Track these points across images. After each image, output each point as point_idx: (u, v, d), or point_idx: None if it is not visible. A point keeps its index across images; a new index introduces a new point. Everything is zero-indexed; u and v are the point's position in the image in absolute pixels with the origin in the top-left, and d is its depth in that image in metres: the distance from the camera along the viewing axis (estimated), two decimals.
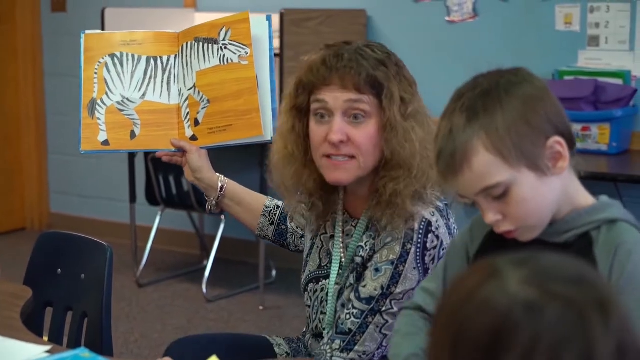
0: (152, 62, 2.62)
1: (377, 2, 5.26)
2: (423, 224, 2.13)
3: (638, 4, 4.58)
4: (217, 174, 2.54)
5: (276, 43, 4.97)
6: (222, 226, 5.34)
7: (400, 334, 1.91)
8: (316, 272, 2.33)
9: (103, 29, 5.32)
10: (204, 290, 5.20)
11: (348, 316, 2.17)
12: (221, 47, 2.52)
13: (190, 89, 2.57)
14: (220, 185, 2.51)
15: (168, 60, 2.62)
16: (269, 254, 5.24)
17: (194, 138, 2.55)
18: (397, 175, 2.13)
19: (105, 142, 2.59)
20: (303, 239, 2.49)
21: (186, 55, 2.59)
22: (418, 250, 2.12)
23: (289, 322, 4.76)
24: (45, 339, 2.45)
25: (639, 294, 1.60)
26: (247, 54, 2.50)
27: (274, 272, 5.45)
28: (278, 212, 2.54)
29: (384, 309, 2.14)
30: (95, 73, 2.61)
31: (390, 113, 2.13)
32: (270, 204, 2.55)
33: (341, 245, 2.28)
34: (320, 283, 2.31)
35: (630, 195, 4.40)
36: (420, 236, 2.13)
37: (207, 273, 5.25)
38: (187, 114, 2.57)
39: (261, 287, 5.10)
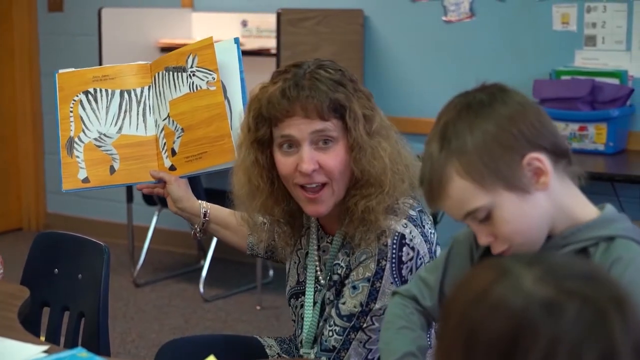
0: (126, 95, 2.62)
1: (374, 2, 5.26)
2: (396, 238, 2.10)
3: (635, 3, 4.58)
4: (199, 201, 2.53)
5: (273, 43, 4.97)
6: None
7: (392, 327, 1.88)
8: (295, 287, 2.32)
9: (100, 29, 5.32)
10: (201, 290, 5.20)
11: (331, 333, 2.16)
12: (189, 75, 2.52)
13: (165, 119, 2.57)
14: (203, 211, 2.51)
15: (142, 92, 2.62)
16: None
17: (172, 168, 2.55)
18: (369, 192, 2.10)
19: (86, 180, 2.60)
20: None
21: (159, 85, 2.59)
22: (393, 265, 2.10)
23: (286, 322, 4.76)
24: (43, 338, 2.45)
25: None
26: (214, 79, 2.49)
27: (271, 272, 5.45)
28: (265, 228, 2.52)
29: (365, 325, 2.13)
30: (71, 111, 2.62)
31: (356, 133, 2.09)
32: (257, 221, 2.52)
33: (316, 261, 2.27)
34: (300, 299, 2.30)
35: (627, 195, 4.41)
36: (394, 251, 2.10)
37: (204, 273, 5.24)
38: (164, 144, 2.57)
39: (258, 287, 5.10)
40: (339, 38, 5.08)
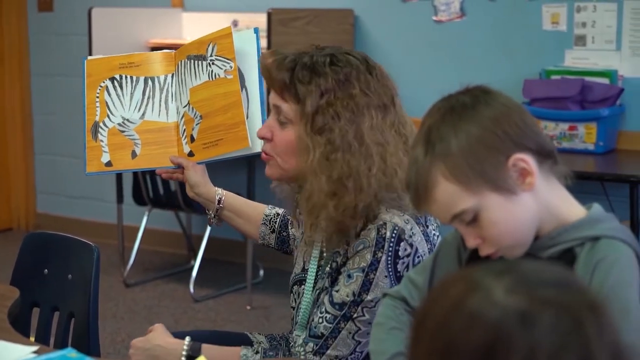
0: (150, 82, 2.68)
1: (364, 1, 5.26)
2: (395, 232, 2.10)
3: (624, 3, 4.59)
4: (216, 188, 2.58)
5: (263, 43, 4.96)
6: (209, 226, 5.33)
7: (383, 328, 1.89)
8: (300, 274, 2.33)
9: (90, 29, 5.31)
10: (192, 290, 5.19)
11: (321, 320, 2.17)
12: (209, 63, 2.58)
13: (185, 106, 2.63)
14: (217, 198, 2.55)
15: (165, 79, 2.68)
16: (256, 254, 5.23)
17: (191, 154, 2.60)
18: (302, 187, 2.20)
19: (109, 163, 2.66)
20: None
21: (181, 74, 2.66)
22: (389, 258, 2.10)
23: (277, 322, 4.76)
24: (32, 339, 2.45)
25: (620, 305, 1.57)
26: (231, 67, 2.54)
27: (261, 272, 5.45)
28: (278, 219, 2.56)
29: (355, 315, 2.13)
30: (97, 97, 2.68)
31: (298, 125, 2.16)
32: (270, 212, 2.57)
33: (319, 250, 2.28)
34: (303, 286, 2.31)
35: (616, 194, 4.41)
36: (391, 244, 2.10)
37: (194, 273, 5.24)
38: (184, 130, 2.63)
39: (248, 286, 5.10)
40: (330, 38, 5.08)
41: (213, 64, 2.57)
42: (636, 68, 4.59)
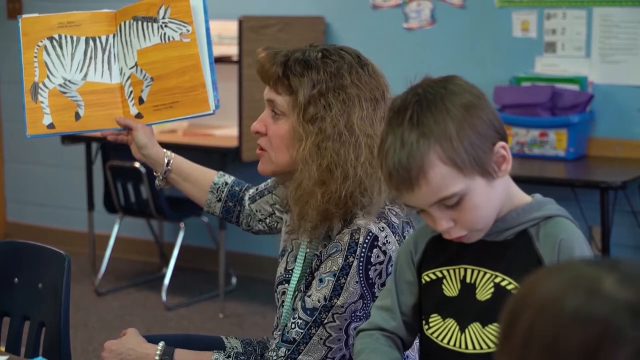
0: (92, 42, 2.62)
1: (335, 9, 5.27)
2: (369, 237, 2.10)
3: (594, 10, 4.62)
4: (164, 150, 2.56)
5: (234, 50, 4.96)
6: (181, 234, 5.32)
7: (365, 351, 1.89)
8: (284, 274, 2.33)
9: None
10: (164, 298, 5.18)
11: (293, 325, 2.17)
12: (161, 26, 2.54)
13: (132, 67, 2.59)
14: (166, 160, 2.54)
15: (107, 39, 2.63)
16: (228, 262, 5.22)
17: (139, 116, 2.57)
18: (293, 178, 2.20)
19: (51, 125, 2.60)
20: (261, 222, 2.53)
21: (125, 34, 2.61)
22: (361, 264, 2.10)
23: (249, 330, 4.74)
24: (3, 349, 2.43)
25: None
26: (188, 31, 2.51)
27: (234, 280, 5.44)
28: (226, 189, 2.56)
29: (326, 321, 2.14)
30: (35, 57, 2.62)
31: (293, 116, 2.18)
32: (219, 180, 2.57)
33: (304, 252, 2.28)
34: (283, 286, 2.31)
35: (587, 200, 4.44)
36: (364, 250, 2.10)
37: (166, 281, 5.23)
38: (131, 92, 2.59)
39: (221, 294, 5.09)
40: (301, 45, 5.07)
41: (166, 26, 2.53)
42: (606, 75, 4.62)
